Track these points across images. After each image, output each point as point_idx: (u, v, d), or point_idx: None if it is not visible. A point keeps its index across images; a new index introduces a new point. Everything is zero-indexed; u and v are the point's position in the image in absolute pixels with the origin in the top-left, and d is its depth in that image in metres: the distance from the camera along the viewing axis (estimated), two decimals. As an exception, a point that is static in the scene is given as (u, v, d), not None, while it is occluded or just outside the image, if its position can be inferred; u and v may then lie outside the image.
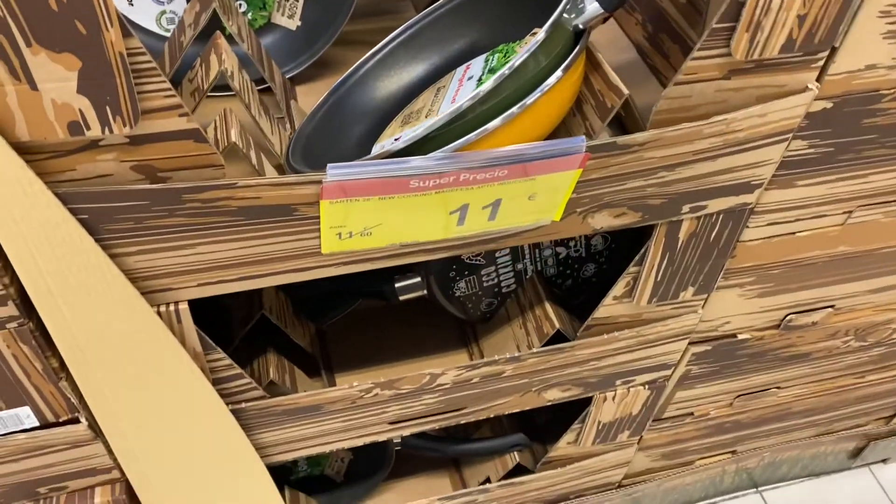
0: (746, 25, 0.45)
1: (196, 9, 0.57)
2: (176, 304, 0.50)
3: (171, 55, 0.57)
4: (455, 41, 0.62)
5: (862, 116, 0.55)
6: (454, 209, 0.48)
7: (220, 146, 0.46)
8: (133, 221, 0.43)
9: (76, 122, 0.38)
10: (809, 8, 0.45)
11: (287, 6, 0.64)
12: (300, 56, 0.65)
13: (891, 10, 0.48)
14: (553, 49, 0.49)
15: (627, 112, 0.54)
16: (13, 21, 0.34)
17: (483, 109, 0.48)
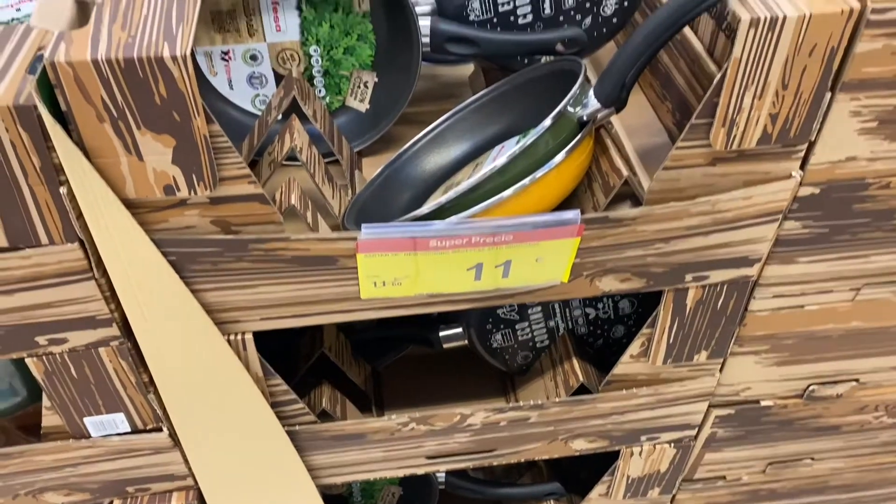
0: (721, 121, 0.53)
1: (280, 95, 0.70)
2: (243, 334, 0.60)
3: (259, 131, 0.70)
4: (495, 124, 0.72)
5: (851, 202, 0.60)
6: (470, 266, 0.57)
7: (282, 207, 0.57)
8: (210, 264, 0.54)
9: (170, 185, 0.50)
10: (780, 108, 0.52)
11: (359, 92, 0.76)
12: (367, 133, 0.76)
13: (861, 110, 0.54)
14: (559, 135, 0.58)
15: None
16: (129, 111, 0.46)
17: (502, 181, 0.58)
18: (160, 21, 0.46)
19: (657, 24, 0.52)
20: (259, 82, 0.74)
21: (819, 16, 0.48)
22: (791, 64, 0.50)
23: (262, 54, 0.72)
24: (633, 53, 0.54)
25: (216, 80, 0.73)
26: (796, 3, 0.48)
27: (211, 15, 0.69)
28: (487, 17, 0.71)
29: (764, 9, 0.48)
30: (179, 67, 0.44)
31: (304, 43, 0.72)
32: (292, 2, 0.70)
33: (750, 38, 0.48)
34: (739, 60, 0.49)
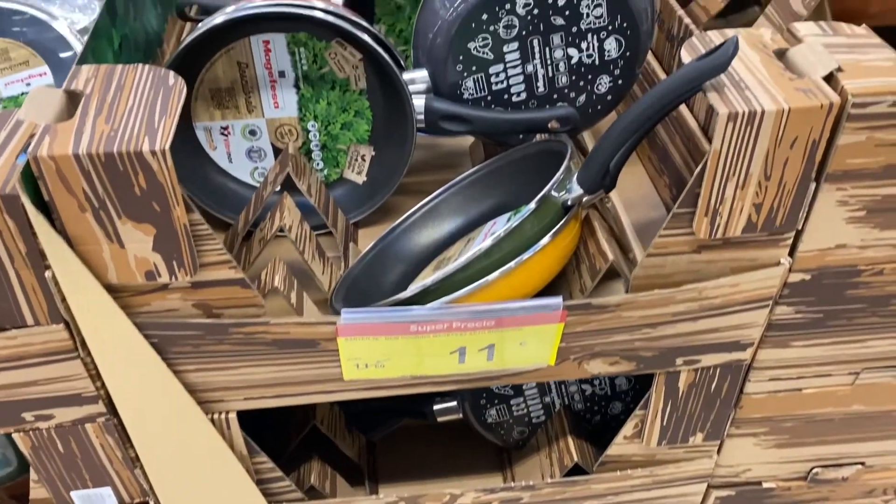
0: (704, 211, 0.52)
1: (276, 171, 0.71)
2: (227, 413, 0.60)
3: (255, 204, 0.71)
4: (488, 199, 0.72)
5: (844, 288, 0.59)
6: (453, 350, 0.57)
7: (265, 290, 0.57)
8: (192, 346, 0.55)
9: (151, 271, 0.50)
10: (763, 198, 0.52)
11: (356, 165, 0.77)
12: (364, 205, 0.77)
13: (848, 200, 0.53)
14: (544, 218, 0.58)
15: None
16: (109, 202, 0.47)
17: (488, 262, 0.58)
18: (143, 113, 0.47)
19: (637, 115, 0.52)
20: (258, 156, 0.75)
21: (798, 110, 0.48)
22: (772, 156, 0.50)
23: (260, 129, 0.74)
24: (614, 142, 0.54)
25: (215, 153, 0.75)
26: (775, 97, 0.48)
27: (210, 92, 0.71)
28: (481, 95, 0.72)
29: (742, 103, 0.48)
30: (158, 161, 0.45)
31: (302, 119, 0.74)
32: (290, 80, 0.71)
33: (728, 131, 0.48)
34: (719, 153, 0.49)
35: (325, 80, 0.72)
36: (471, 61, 0.69)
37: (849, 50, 0.52)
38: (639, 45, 0.70)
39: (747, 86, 0.49)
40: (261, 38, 0.69)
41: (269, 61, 0.70)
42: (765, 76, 0.50)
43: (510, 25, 0.68)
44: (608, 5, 0.67)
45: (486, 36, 0.68)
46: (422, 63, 0.72)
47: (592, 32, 0.69)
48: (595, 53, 0.70)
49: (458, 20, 0.67)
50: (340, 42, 0.69)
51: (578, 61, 0.70)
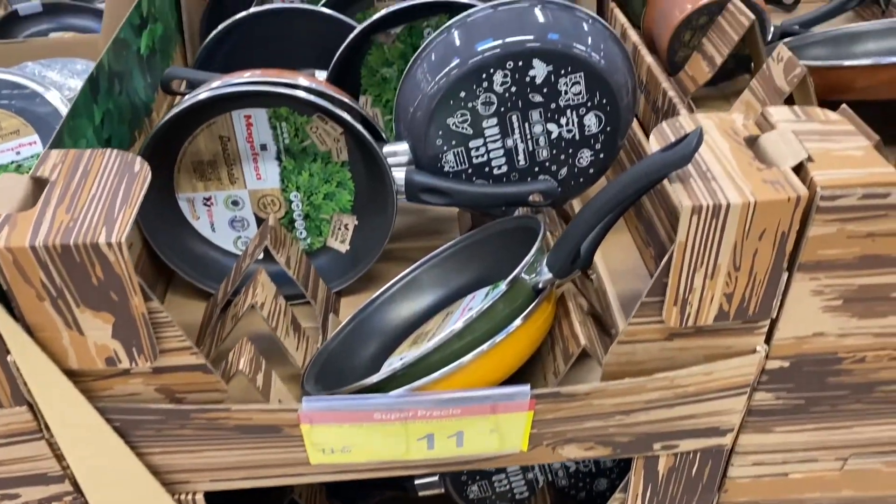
0: (673, 301, 0.51)
1: (255, 243, 0.71)
2: (193, 494, 0.59)
3: (234, 276, 0.71)
4: (468, 272, 0.71)
5: (825, 375, 0.57)
6: (421, 436, 0.55)
7: (230, 373, 0.57)
8: (154, 430, 0.54)
9: (111, 357, 0.50)
10: (734, 288, 0.51)
11: (339, 234, 0.77)
12: (347, 273, 0.77)
13: (823, 290, 0.52)
14: (515, 300, 0.57)
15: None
16: (67, 291, 0.47)
17: (459, 344, 0.57)
18: (105, 203, 0.47)
19: (603, 203, 0.51)
20: (241, 225, 0.75)
21: (764, 203, 0.47)
22: (740, 247, 0.49)
23: (243, 200, 0.74)
24: (582, 228, 0.53)
25: (198, 223, 0.75)
26: (742, 189, 0.47)
27: (192, 164, 0.72)
28: (462, 168, 0.71)
29: (707, 195, 0.47)
30: (115, 252, 0.45)
31: (285, 190, 0.74)
32: (272, 153, 0.72)
33: (693, 223, 0.47)
34: (685, 245, 0.48)
35: (307, 152, 0.72)
36: (450, 136, 0.69)
37: (821, 138, 0.51)
38: (619, 120, 0.70)
39: (714, 176, 0.49)
40: (242, 113, 0.69)
41: (250, 135, 0.70)
42: (733, 166, 0.49)
43: (488, 102, 0.68)
44: (586, 83, 0.67)
45: (465, 112, 0.68)
46: (403, 136, 0.72)
47: (571, 109, 0.69)
48: (575, 129, 0.70)
49: (437, 96, 0.67)
50: (321, 117, 0.70)
51: (558, 136, 0.70)
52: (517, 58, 0.66)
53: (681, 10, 0.85)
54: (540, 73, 0.67)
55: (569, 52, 0.66)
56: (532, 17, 0.69)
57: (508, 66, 0.66)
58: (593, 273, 0.76)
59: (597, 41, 0.68)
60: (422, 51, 0.70)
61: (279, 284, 0.71)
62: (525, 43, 0.66)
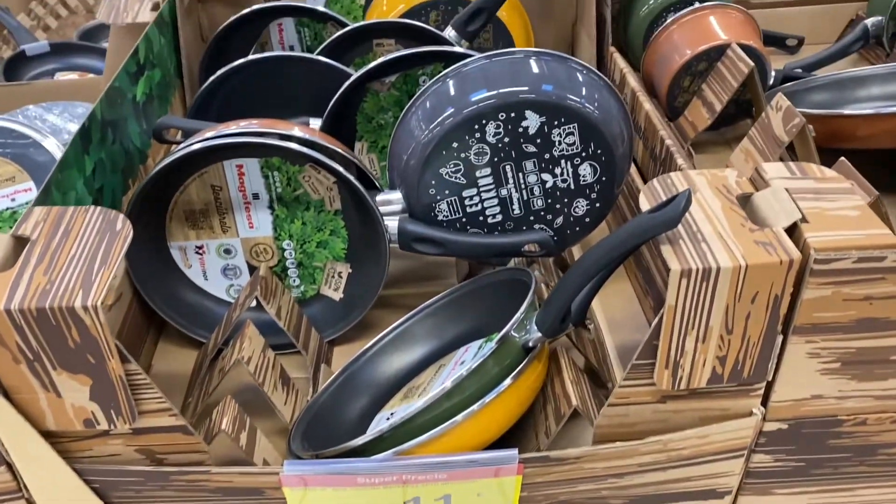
0: (664, 364, 0.50)
1: (246, 293, 0.70)
2: (176, 554, 0.58)
3: (225, 326, 0.70)
4: (461, 323, 0.70)
5: (826, 438, 0.56)
6: (407, 500, 0.54)
7: (212, 432, 0.55)
8: (134, 491, 0.53)
9: (89, 419, 0.49)
10: (727, 351, 0.49)
11: (332, 282, 0.76)
12: (341, 322, 0.76)
13: (819, 352, 0.50)
14: (506, 358, 0.56)
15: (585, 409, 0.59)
16: (44, 354, 0.46)
17: (449, 404, 0.56)
18: (83, 264, 0.47)
19: (591, 264, 0.50)
20: (233, 273, 0.75)
21: (756, 266, 0.45)
22: (732, 311, 0.47)
23: (235, 248, 0.73)
24: (571, 288, 0.52)
25: (190, 271, 0.74)
26: (732, 252, 0.46)
27: (184, 213, 0.71)
28: (456, 217, 0.71)
29: (697, 258, 0.46)
30: (91, 316, 0.44)
31: (278, 238, 0.73)
32: (264, 202, 0.71)
33: (683, 287, 0.46)
34: (675, 308, 0.47)
35: (300, 201, 0.71)
36: (443, 185, 0.69)
37: (816, 196, 0.50)
38: (614, 170, 0.69)
39: (704, 237, 0.47)
40: (234, 163, 0.69)
41: (242, 184, 0.70)
42: (724, 226, 0.48)
43: (481, 153, 0.67)
44: (580, 133, 0.67)
45: (458, 162, 0.67)
46: (397, 184, 0.71)
47: (566, 159, 0.68)
48: (570, 178, 0.69)
49: (431, 145, 0.67)
50: (314, 166, 0.69)
51: (553, 185, 0.69)
52: (510, 109, 0.65)
53: (680, 56, 0.84)
54: (533, 124, 0.66)
55: (562, 103, 0.66)
56: (526, 68, 0.68)
57: (501, 118, 0.66)
58: (591, 323, 0.75)
59: (591, 92, 0.68)
60: (416, 98, 0.70)
61: (271, 333, 0.70)
62: (518, 94, 0.66)
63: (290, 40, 0.96)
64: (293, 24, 0.95)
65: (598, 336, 0.74)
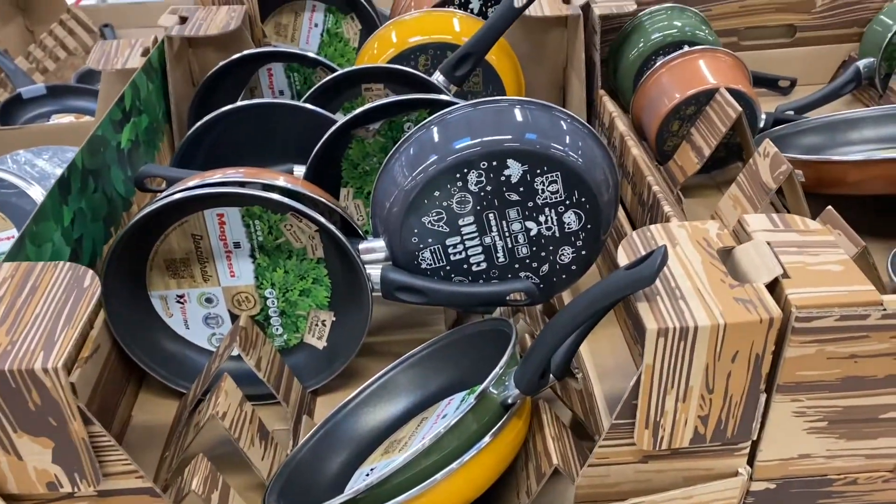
0: (644, 423, 0.48)
1: (225, 343, 0.69)
2: None
3: (205, 377, 0.69)
4: (444, 374, 0.69)
5: (816, 497, 0.54)
6: (384, 562, 0.52)
7: (181, 493, 0.54)
8: (100, 554, 0.51)
9: (53, 482, 0.48)
10: (709, 410, 0.48)
11: (316, 330, 0.75)
12: (325, 371, 0.74)
13: (805, 411, 0.49)
14: (485, 414, 0.55)
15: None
16: (4, 416, 0.45)
17: (427, 463, 0.54)
18: (47, 323, 0.46)
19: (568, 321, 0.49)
20: (215, 322, 0.74)
21: (735, 325, 0.44)
22: (713, 370, 0.46)
23: (217, 297, 0.72)
24: (549, 346, 0.51)
25: (172, 320, 0.73)
26: (711, 310, 0.45)
27: (165, 262, 0.70)
28: (440, 265, 0.70)
29: (674, 317, 0.45)
30: (52, 378, 0.43)
31: (260, 286, 0.72)
32: (245, 251, 0.70)
33: (660, 346, 0.45)
34: (652, 368, 0.46)
35: (282, 249, 0.71)
36: (426, 233, 0.68)
37: (798, 250, 0.49)
38: (600, 217, 0.68)
39: (682, 294, 0.46)
40: (215, 212, 0.68)
41: (223, 233, 0.69)
42: (703, 282, 0.47)
43: (464, 201, 0.66)
44: (563, 181, 0.66)
45: (440, 211, 0.66)
46: (380, 232, 0.70)
47: (550, 207, 0.67)
48: (555, 226, 0.68)
49: (413, 193, 0.66)
50: (295, 214, 0.69)
51: (538, 233, 0.68)
52: (492, 157, 0.65)
53: (669, 100, 0.84)
54: (515, 173, 0.65)
55: (545, 151, 0.65)
56: (510, 116, 0.68)
57: (483, 166, 0.65)
58: (578, 372, 0.73)
59: (575, 140, 0.67)
60: (400, 145, 0.69)
61: (252, 383, 0.69)
62: (502, 142, 0.65)
63: (279, 85, 0.96)
64: (282, 69, 0.95)
65: (586, 386, 0.72)
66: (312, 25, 1.16)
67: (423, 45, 0.93)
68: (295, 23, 1.15)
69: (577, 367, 0.74)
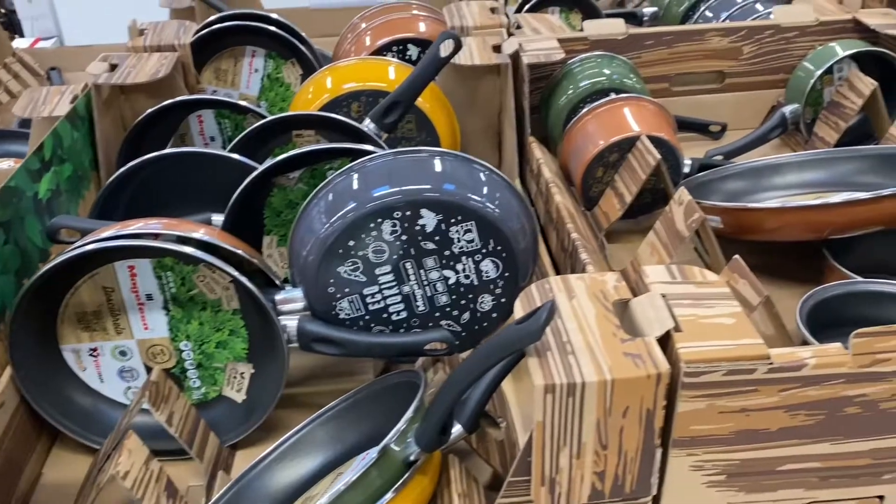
0: (540, 481, 0.47)
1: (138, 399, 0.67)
2: None
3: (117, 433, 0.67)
4: (360, 429, 0.67)
5: (726, 550, 0.53)
6: None
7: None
8: None
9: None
10: (605, 466, 0.47)
11: (235, 382, 0.73)
12: (244, 424, 0.73)
13: (702, 465, 0.48)
14: (389, 469, 0.54)
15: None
16: None
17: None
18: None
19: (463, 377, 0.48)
20: (130, 376, 0.72)
21: (622, 380, 0.44)
22: (605, 425, 0.46)
23: (131, 350, 0.71)
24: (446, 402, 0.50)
25: (85, 374, 0.71)
26: (600, 365, 0.44)
27: (76, 315, 0.69)
28: (359, 315, 0.69)
29: (562, 372, 0.44)
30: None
31: (174, 339, 0.71)
32: (158, 303, 0.69)
33: (549, 402, 0.44)
34: (543, 424, 0.45)
35: (196, 301, 0.69)
36: (343, 283, 0.67)
37: (693, 302, 0.49)
38: (517, 265, 0.68)
39: (573, 349, 0.46)
40: (126, 264, 0.67)
41: (135, 285, 0.68)
42: (595, 336, 0.47)
43: (379, 250, 0.66)
44: (478, 230, 0.66)
45: (356, 260, 0.66)
46: (297, 281, 0.69)
47: (466, 255, 0.67)
48: (472, 274, 0.68)
49: (328, 241, 0.65)
50: (209, 266, 0.67)
51: (457, 282, 0.68)
52: (406, 207, 0.65)
53: (593, 146, 0.85)
54: (430, 222, 0.65)
55: (459, 201, 0.65)
56: (430, 166, 0.68)
57: (396, 216, 0.65)
58: (502, 421, 0.72)
59: (492, 191, 0.67)
60: (318, 191, 0.69)
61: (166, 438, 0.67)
62: (421, 192, 0.65)
63: (210, 132, 0.96)
64: (213, 115, 0.95)
65: (509, 436, 0.71)
66: (252, 70, 1.16)
67: (357, 92, 0.94)
68: (235, 68, 1.15)
69: (501, 416, 0.73)
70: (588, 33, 1.01)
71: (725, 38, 1.03)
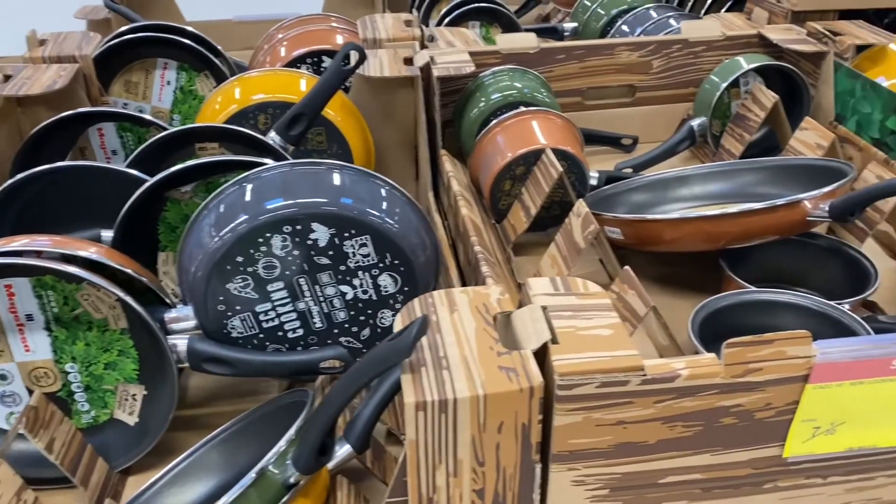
0: (417, 501, 0.46)
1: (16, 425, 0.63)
2: None
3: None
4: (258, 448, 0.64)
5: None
6: None
7: None
8: None
9: None
10: (483, 484, 0.46)
11: (126, 405, 0.70)
12: (136, 447, 0.70)
13: (584, 479, 0.48)
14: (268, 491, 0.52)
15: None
16: None
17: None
18: None
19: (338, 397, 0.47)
20: (12, 401, 0.69)
21: (495, 395, 0.43)
22: (480, 442, 0.44)
23: (11, 374, 0.67)
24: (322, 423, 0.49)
25: (-38, 400, 0.68)
26: (473, 380, 0.43)
27: (-51, 338, 0.65)
28: (252, 333, 0.67)
29: (434, 388, 0.43)
30: None
31: (59, 361, 0.68)
32: (39, 323, 0.66)
33: (421, 420, 0.43)
34: (416, 443, 0.44)
35: (80, 321, 0.66)
36: (233, 301, 0.65)
37: (573, 314, 0.48)
38: (416, 280, 0.67)
39: (448, 364, 0.45)
40: (2, 283, 0.64)
41: (13, 305, 0.65)
42: (472, 350, 0.46)
43: (270, 266, 0.64)
44: (374, 244, 0.65)
45: (246, 277, 0.64)
46: (187, 299, 0.67)
47: (363, 270, 0.65)
48: (371, 289, 0.66)
49: (217, 256, 0.63)
50: (93, 284, 0.65)
51: (354, 297, 0.67)
52: (296, 222, 0.63)
53: (501, 158, 0.84)
54: (322, 237, 0.64)
55: (352, 215, 0.64)
56: (328, 179, 0.67)
57: (286, 230, 0.63)
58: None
59: (392, 205, 0.66)
60: (208, 202, 0.68)
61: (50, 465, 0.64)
62: (319, 205, 0.64)
63: (112, 145, 0.93)
64: (114, 128, 0.92)
65: (411, 453, 0.70)
66: (165, 83, 1.13)
67: (264, 104, 0.92)
68: (146, 80, 1.12)
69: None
70: (500, 47, 1.01)
71: (635, 52, 1.04)
